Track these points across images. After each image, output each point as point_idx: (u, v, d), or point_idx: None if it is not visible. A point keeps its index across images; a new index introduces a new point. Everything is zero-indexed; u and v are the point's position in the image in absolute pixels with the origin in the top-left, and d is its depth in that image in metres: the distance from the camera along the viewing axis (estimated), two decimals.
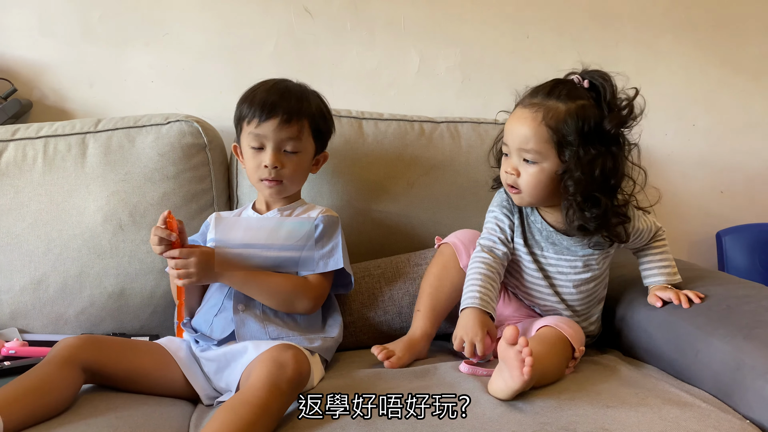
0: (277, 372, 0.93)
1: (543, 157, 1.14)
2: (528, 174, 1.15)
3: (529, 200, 1.19)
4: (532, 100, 1.15)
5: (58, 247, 1.35)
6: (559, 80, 1.17)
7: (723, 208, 1.97)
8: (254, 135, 1.23)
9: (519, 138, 1.14)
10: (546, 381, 1.03)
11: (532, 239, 1.24)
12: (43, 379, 0.95)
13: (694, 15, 1.90)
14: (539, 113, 1.13)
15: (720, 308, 1.14)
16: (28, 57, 1.66)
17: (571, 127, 1.11)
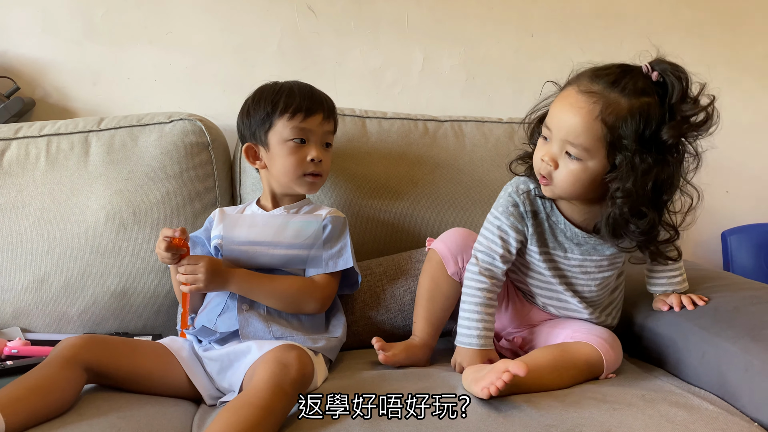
0: (280, 373, 0.93)
1: (590, 155, 1.01)
2: (568, 170, 1.03)
3: (558, 194, 1.08)
4: (592, 87, 1.00)
5: (60, 246, 1.35)
6: (627, 68, 1.02)
7: (728, 208, 1.96)
8: (299, 128, 1.24)
9: (567, 128, 1.01)
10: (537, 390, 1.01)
11: (554, 242, 1.14)
12: (45, 379, 0.94)
13: (700, 14, 1.89)
14: (597, 105, 0.98)
15: (727, 309, 1.13)
16: (30, 55, 1.66)
17: (631, 129, 0.97)
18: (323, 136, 1.28)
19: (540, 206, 1.14)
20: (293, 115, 1.23)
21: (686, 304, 1.17)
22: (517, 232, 1.13)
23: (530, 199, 1.14)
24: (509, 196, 1.15)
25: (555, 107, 1.05)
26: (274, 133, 1.25)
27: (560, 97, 1.05)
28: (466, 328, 1.14)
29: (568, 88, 1.04)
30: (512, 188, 1.15)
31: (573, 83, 1.04)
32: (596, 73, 1.02)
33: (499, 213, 1.15)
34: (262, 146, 1.28)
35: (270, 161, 1.27)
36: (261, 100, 1.27)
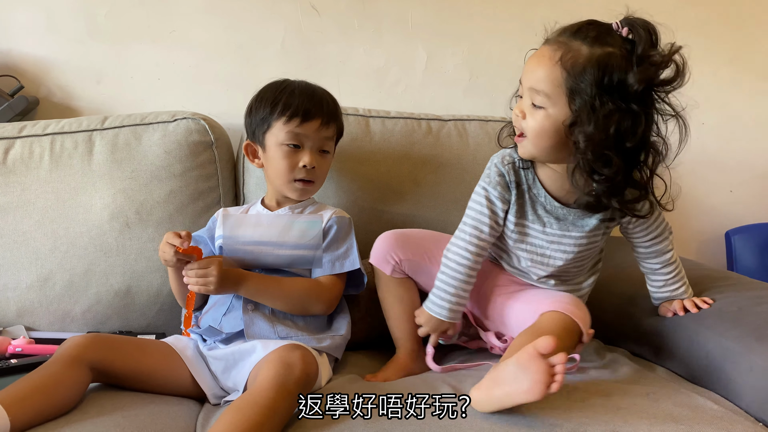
0: (284, 372, 0.92)
1: (552, 102, 1.01)
2: (533, 119, 1.03)
3: (531, 150, 1.06)
4: (558, 38, 1.03)
5: (64, 245, 1.35)
6: (594, 21, 1.04)
7: (732, 208, 1.96)
8: (294, 133, 1.23)
9: (531, 77, 1.03)
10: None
11: (533, 215, 1.14)
12: (50, 377, 0.94)
13: (704, 13, 1.88)
14: (558, 52, 1.00)
15: (731, 309, 1.13)
16: (34, 54, 1.66)
17: (589, 74, 0.97)
18: (319, 142, 1.26)
19: (523, 177, 1.14)
20: (290, 119, 1.22)
21: (689, 308, 1.17)
22: (503, 202, 1.14)
23: (515, 170, 1.14)
24: (495, 166, 1.15)
25: (526, 62, 1.07)
26: (270, 134, 1.25)
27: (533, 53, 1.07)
28: (440, 298, 1.15)
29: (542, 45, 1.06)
30: (498, 159, 1.16)
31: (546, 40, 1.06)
32: (566, 27, 1.05)
33: (486, 184, 1.15)
34: (260, 146, 1.28)
35: (266, 162, 1.28)
36: (263, 99, 1.27)
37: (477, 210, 1.15)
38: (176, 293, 1.27)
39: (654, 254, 1.20)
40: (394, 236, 1.25)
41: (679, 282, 1.21)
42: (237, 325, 1.15)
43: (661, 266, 1.20)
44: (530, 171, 1.14)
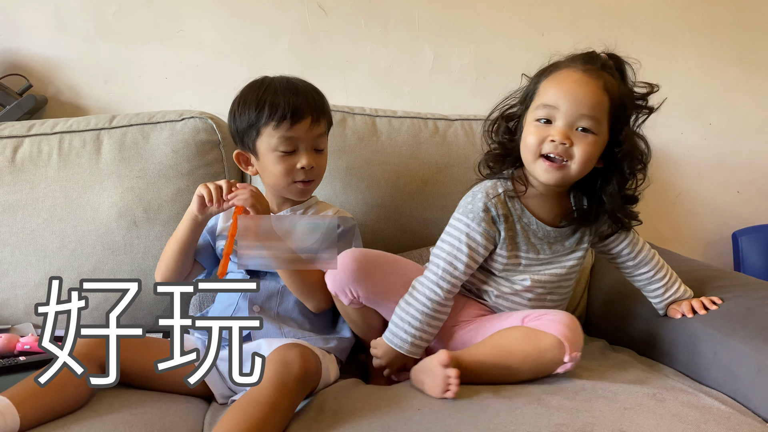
0: (283, 370, 0.93)
1: (600, 128, 1.05)
2: (585, 143, 1.04)
3: (572, 176, 1.07)
4: (587, 66, 1.06)
5: (72, 243, 1.36)
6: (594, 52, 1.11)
7: (739, 208, 1.95)
8: (285, 138, 1.17)
9: (581, 101, 1.03)
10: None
11: (526, 244, 1.13)
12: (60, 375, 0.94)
13: (712, 13, 1.88)
14: (600, 80, 1.05)
15: (739, 309, 1.12)
16: (43, 53, 1.67)
17: (623, 102, 1.06)
18: (313, 142, 1.20)
19: (511, 209, 1.12)
20: (279, 123, 1.16)
21: (697, 309, 1.17)
22: (487, 239, 1.11)
23: (502, 202, 1.11)
24: (479, 201, 1.11)
25: (556, 88, 1.06)
26: (261, 141, 1.19)
27: (559, 79, 1.07)
28: (403, 331, 1.10)
29: (563, 70, 1.08)
30: (482, 193, 1.12)
31: (563, 67, 1.08)
32: (584, 58, 1.09)
33: (468, 219, 1.10)
34: (252, 154, 1.23)
35: (261, 169, 1.23)
36: (246, 103, 1.20)
37: (454, 246, 1.11)
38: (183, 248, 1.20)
39: (642, 263, 1.21)
40: (356, 268, 1.10)
41: (676, 283, 1.21)
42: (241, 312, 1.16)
43: (654, 272, 1.20)
44: (517, 200, 1.12)
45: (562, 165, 1.05)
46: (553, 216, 1.14)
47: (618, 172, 1.10)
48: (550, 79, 1.08)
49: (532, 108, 1.10)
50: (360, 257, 1.12)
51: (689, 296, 1.21)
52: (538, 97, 1.09)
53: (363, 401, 0.99)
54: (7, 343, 1.21)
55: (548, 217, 1.14)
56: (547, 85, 1.08)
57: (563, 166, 1.05)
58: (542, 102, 1.07)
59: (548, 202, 1.14)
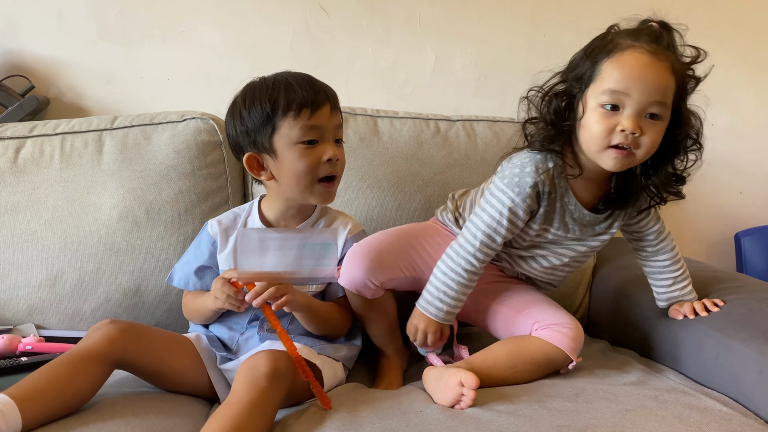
0: (250, 372, 0.93)
1: (668, 111, 1.01)
2: (653, 132, 1.00)
3: (637, 163, 1.04)
4: (654, 46, 1.00)
5: (74, 244, 1.36)
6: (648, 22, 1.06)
7: (742, 209, 1.95)
8: (308, 127, 1.09)
9: (654, 89, 0.98)
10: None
11: (559, 221, 1.12)
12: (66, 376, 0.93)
13: (715, 14, 1.88)
14: (668, 63, 0.99)
15: (741, 311, 1.12)
16: (45, 54, 1.67)
17: (684, 81, 1.02)
18: (334, 131, 1.13)
19: (557, 186, 1.09)
20: (299, 112, 1.08)
21: (699, 310, 1.16)
22: (528, 213, 1.10)
23: (550, 179, 1.08)
24: (529, 176, 1.07)
25: (624, 72, 0.99)
26: (279, 136, 1.10)
27: (626, 62, 0.99)
28: (438, 300, 1.11)
29: (629, 52, 1.00)
30: (531, 167, 1.08)
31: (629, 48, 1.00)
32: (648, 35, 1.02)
33: (514, 194, 1.07)
34: (268, 154, 1.12)
35: (279, 170, 1.13)
36: (255, 99, 1.11)
37: (494, 218, 1.09)
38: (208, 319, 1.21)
39: (661, 251, 1.20)
40: (368, 260, 1.13)
41: (686, 280, 1.20)
42: (255, 344, 1.15)
43: (670, 263, 1.20)
44: (564, 179, 1.10)
45: (630, 153, 1.01)
46: (593, 198, 1.12)
47: (674, 153, 1.06)
48: (615, 62, 1.00)
49: (594, 91, 1.02)
50: (367, 250, 1.14)
51: (692, 299, 1.20)
52: (601, 80, 1.01)
53: (365, 403, 1.00)
54: (9, 344, 1.21)
55: (588, 199, 1.12)
56: (611, 67, 1.00)
57: (631, 154, 1.01)
58: (609, 87, 0.99)
59: (593, 185, 1.11)
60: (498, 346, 1.11)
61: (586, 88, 1.03)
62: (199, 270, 1.22)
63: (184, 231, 1.38)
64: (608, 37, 1.04)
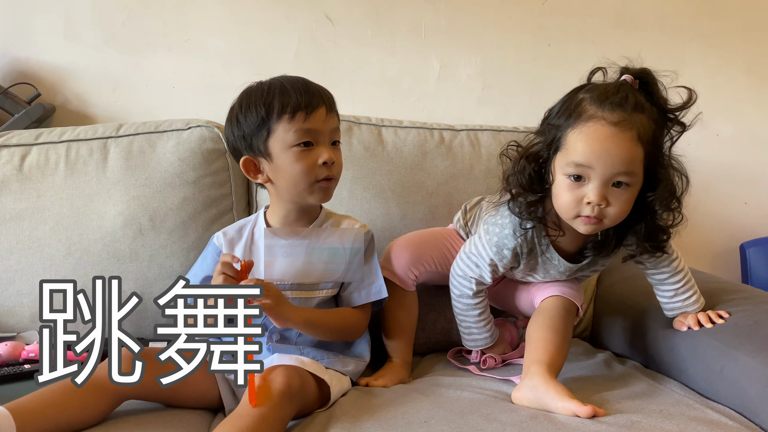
0: (264, 385, 0.93)
1: (637, 179, 1.02)
2: (620, 201, 1.01)
3: (606, 227, 1.06)
4: (618, 116, 0.98)
5: (78, 251, 1.36)
6: (623, 85, 1.03)
7: (747, 220, 1.94)
8: (303, 130, 1.09)
9: (617, 162, 0.98)
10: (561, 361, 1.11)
11: (543, 272, 1.21)
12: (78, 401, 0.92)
13: (721, 23, 1.88)
14: (633, 132, 0.98)
15: (747, 323, 1.11)
16: (52, 62, 1.68)
17: (657, 144, 1.02)
18: (330, 134, 1.13)
19: (536, 244, 1.15)
20: (293, 115, 1.08)
21: (704, 322, 1.15)
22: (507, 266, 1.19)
23: (527, 240, 1.14)
24: (506, 238, 1.14)
25: (588, 145, 0.99)
26: (274, 140, 1.10)
27: (589, 135, 0.99)
28: (477, 334, 1.25)
29: (592, 123, 1.00)
30: (509, 229, 1.13)
31: (592, 119, 1.00)
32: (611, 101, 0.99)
33: (492, 253, 1.16)
34: (263, 157, 1.12)
35: (275, 173, 1.13)
36: (250, 104, 1.11)
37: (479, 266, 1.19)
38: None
39: (660, 265, 1.19)
40: (409, 252, 1.28)
41: (689, 291, 1.19)
42: (264, 354, 1.14)
43: (668, 275, 1.19)
44: (544, 237, 1.14)
45: (599, 220, 1.03)
46: (577, 247, 1.17)
47: (649, 213, 1.06)
48: (578, 134, 1.00)
49: (560, 160, 1.03)
50: (409, 242, 1.30)
51: (695, 309, 1.19)
52: (566, 150, 1.02)
53: (369, 413, 0.99)
54: (13, 351, 1.21)
55: (572, 249, 1.17)
56: (575, 139, 1.01)
57: (600, 221, 1.03)
58: (572, 160, 1.01)
59: (576, 240, 1.16)
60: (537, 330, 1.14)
61: (554, 154, 1.05)
62: (205, 280, 1.21)
63: (188, 239, 1.38)
64: (575, 101, 1.04)
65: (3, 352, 1.21)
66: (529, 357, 1.09)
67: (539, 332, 1.13)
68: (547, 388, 0.99)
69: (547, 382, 1.00)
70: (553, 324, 1.13)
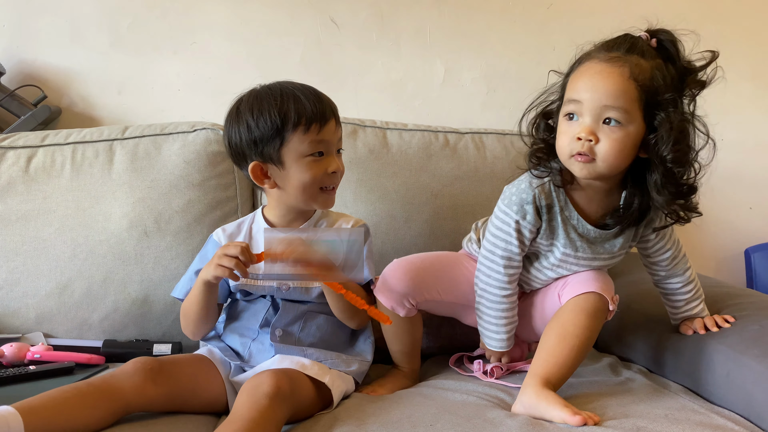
0: (252, 391, 0.94)
1: (630, 118, 0.99)
2: (611, 139, 1.00)
3: (603, 171, 1.02)
4: (611, 54, 1.01)
5: (83, 253, 1.36)
6: (633, 37, 1.05)
7: (752, 225, 1.94)
8: (317, 142, 1.11)
9: (603, 93, 0.99)
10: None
11: (565, 238, 1.12)
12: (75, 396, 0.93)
13: (726, 28, 1.87)
14: (625, 68, 0.99)
15: (752, 327, 1.11)
16: (58, 64, 1.69)
17: (661, 86, 0.99)
18: (337, 144, 1.17)
19: (554, 199, 1.11)
20: (308, 128, 1.10)
21: (710, 326, 1.16)
22: (531, 230, 1.12)
23: (546, 192, 1.11)
24: (524, 192, 1.11)
25: (581, 80, 1.03)
26: (288, 149, 1.11)
27: (581, 72, 1.04)
28: (495, 332, 1.18)
29: (586, 62, 1.04)
30: (525, 183, 1.12)
31: (588, 59, 1.04)
32: (609, 44, 1.04)
33: (513, 212, 1.11)
34: (274, 164, 1.13)
35: (283, 179, 1.14)
36: (263, 110, 1.11)
37: (505, 240, 1.13)
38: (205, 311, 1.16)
39: (674, 275, 1.19)
40: (408, 278, 1.16)
41: (698, 299, 1.20)
42: (267, 350, 1.14)
43: (682, 285, 1.19)
44: (562, 192, 1.11)
45: (591, 159, 1.02)
46: (599, 213, 1.12)
47: (659, 162, 1.01)
48: (576, 73, 1.05)
49: (563, 103, 1.06)
50: (409, 268, 1.17)
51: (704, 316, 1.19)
52: (566, 92, 1.06)
53: (374, 415, 0.99)
54: (18, 352, 1.22)
55: (593, 214, 1.12)
56: (573, 78, 1.05)
57: (592, 161, 1.02)
58: (568, 97, 1.04)
59: (594, 198, 1.11)
60: (546, 340, 1.09)
61: (561, 103, 1.08)
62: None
63: (193, 241, 1.39)
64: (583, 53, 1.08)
65: (8, 353, 1.21)
66: (531, 369, 1.06)
67: (547, 341, 1.08)
68: (538, 399, 0.98)
69: (538, 394, 0.99)
70: (565, 331, 1.07)
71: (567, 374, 1.06)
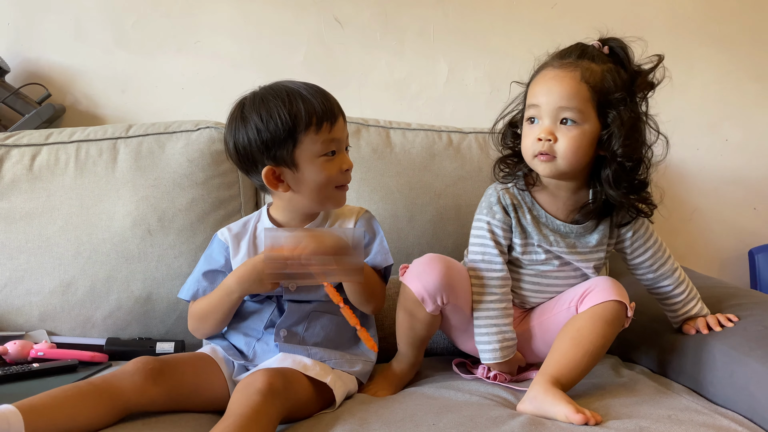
0: (245, 389, 0.94)
1: (585, 117, 1.07)
2: (568, 137, 1.07)
3: (563, 168, 1.09)
4: (563, 61, 1.10)
5: (87, 251, 1.36)
6: (584, 45, 1.14)
7: (756, 225, 1.93)
8: (329, 140, 1.11)
9: (558, 96, 1.07)
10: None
11: (538, 234, 1.16)
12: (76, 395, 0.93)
13: (730, 29, 1.87)
14: (576, 72, 1.08)
15: (756, 328, 1.11)
16: (62, 63, 1.69)
17: (611, 87, 1.07)
18: (346, 141, 1.17)
19: (520, 200, 1.18)
20: (319, 127, 1.09)
21: (713, 325, 1.16)
22: (505, 230, 1.17)
23: (511, 194, 1.17)
24: (491, 196, 1.19)
25: (538, 86, 1.11)
26: (302, 150, 1.09)
27: (538, 80, 1.12)
28: (486, 343, 1.15)
29: (543, 70, 1.13)
30: (492, 189, 1.20)
31: (544, 67, 1.13)
32: (562, 53, 1.13)
33: (484, 215, 1.18)
34: (288, 167, 1.11)
35: (298, 182, 1.12)
36: (272, 113, 1.08)
37: (482, 244, 1.17)
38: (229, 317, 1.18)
39: (662, 277, 1.20)
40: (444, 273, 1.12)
41: (694, 299, 1.20)
42: (272, 350, 1.14)
43: (674, 287, 1.20)
44: (527, 193, 1.18)
45: (552, 158, 1.09)
46: (568, 210, 1.17)
47: (611, 157, 1.09)
48: (534, 80, 1.14)
49: (525, 109, 1.15)
50: (447, 265, 1.13)
51: (705, 314, 1.20)
52: (527, 99, 1.15)
53: (377, 414, 0.99)
54: (21, 350, 1.22)
55: (560, 211, 1.17)
56: (532, 85, 1.14)
57: (553, 159, 1.09)
58: (529, 102, 1.13)
59: (559, 196, 1.17)
60: (560, 342, 1.09)
61: (524, 110, 1.16)
62: (210, 273, 1.20)
63: (197, 239, 1.39)
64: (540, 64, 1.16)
65: (12, 350, 1.22)
66: (542, 369, 1.07)
67: (560, 344, 1.09)
68: (546, 395, 0.99)
69: (546, 390, 0.99)
70: (581, 336, 1.07)
71: (578, 377, 1.06)
